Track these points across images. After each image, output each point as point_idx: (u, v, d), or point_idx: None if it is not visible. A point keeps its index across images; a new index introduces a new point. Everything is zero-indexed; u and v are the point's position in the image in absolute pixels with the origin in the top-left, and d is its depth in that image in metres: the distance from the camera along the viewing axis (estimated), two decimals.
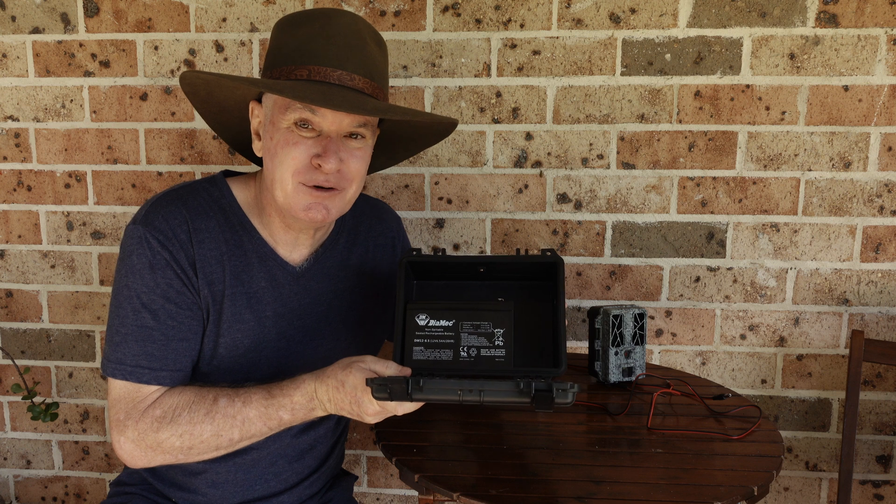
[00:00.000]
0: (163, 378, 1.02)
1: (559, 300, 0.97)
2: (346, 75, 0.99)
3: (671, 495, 0.98)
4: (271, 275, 1.11)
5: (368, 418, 0.96)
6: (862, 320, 1.63)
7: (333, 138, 1.00)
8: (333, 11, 1.04)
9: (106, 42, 1.63)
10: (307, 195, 1.01)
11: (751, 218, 1.61)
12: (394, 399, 0.87)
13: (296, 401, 0.99)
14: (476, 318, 0.93)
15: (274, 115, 1.01)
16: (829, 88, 1.55)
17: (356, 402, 0.94)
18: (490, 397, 0.86)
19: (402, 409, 0.95)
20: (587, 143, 1.60)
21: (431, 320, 0.93)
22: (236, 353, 1.08)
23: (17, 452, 1.85)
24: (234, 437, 1.00)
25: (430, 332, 0.92)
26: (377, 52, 1.05)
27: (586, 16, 1.55)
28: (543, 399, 0.84)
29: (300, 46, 1.01)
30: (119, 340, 1.01)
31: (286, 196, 1.02)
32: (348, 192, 1.05)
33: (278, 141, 1.01)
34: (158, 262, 1.01)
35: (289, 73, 1.00)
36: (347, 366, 0.96)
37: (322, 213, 1.03)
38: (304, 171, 1.00)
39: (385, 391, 0.86)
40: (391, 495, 1.81)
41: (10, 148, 1.70)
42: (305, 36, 1.01)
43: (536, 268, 1.03)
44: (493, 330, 0.92)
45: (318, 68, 0.99)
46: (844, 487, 1.44)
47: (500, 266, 1.04)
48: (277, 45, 1.04)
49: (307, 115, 0.99)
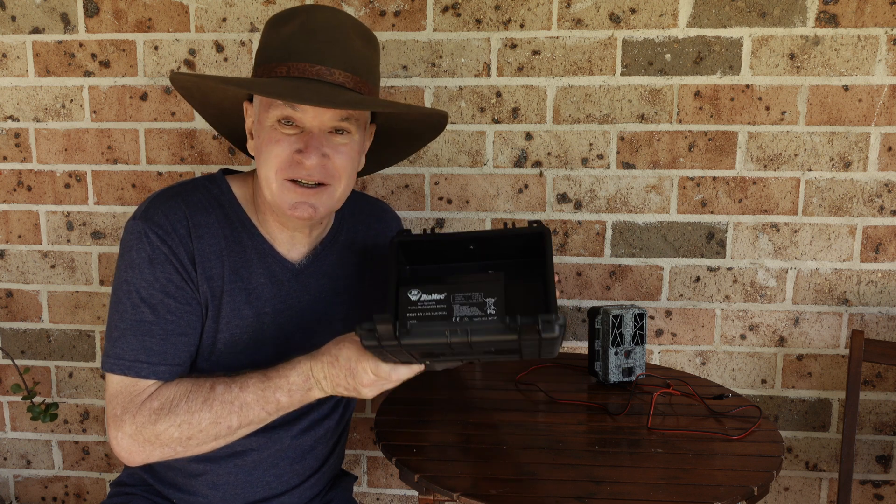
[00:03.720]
0: (161, 372, 1.02)
1: (547, 262, 0.98)
2: (325, 70, 1.00)
3: (671, 495, 0.98)
4: (270, 271, 1.11)
5: (365, 390, 0.96)
6: (862, 320, 1.63)
7: (315, 134, 1.01)
8: (316, 7, 1.04)
9: (106, 42, 1.63)
10: (292, 193, 1.02)
11: (751, 218, 1.61)
12: (383, 343, 0.87)
13: (292, 381, 0.99)
14: (467, 290, 0.93)
15: (260, 114, 1.02)
16: (829, 88, 1.55)
17: (351, 373, 0.94)
18: (477, 336, 0.86)
19: (397, 375, 0.94)
20: (587, 143, 1.60)
21: (423, 294, 0.94)
22: (235, 349, 1.09)
23: (17, 452, 1.85)
24: (233, 423, 1.00)
25: (423, 306, 0.93)
26: (363, 46, 1.05)
27: (586, 16, 1.55)
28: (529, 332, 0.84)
29: (282, 44, 1.01)
30: (118, 336, 1.02)
31: (273, 194, 1.03)
32: (336, 188, 1.05)
33: (264, 139, 1.01)
34: (158, 257, 1.01)
35: (270, 71, 1.01)
36: (340, 341, 0.97)
37: (308, 211, 1.03)
38: (286, 167, 1.01)
39: (373, 337, 0.86)
40: (391, 495, 1.81)
41: (10, 148, 1.70)
42: (288, 33, 1.02)
43: (526, 243, 1.03)
44: (485, 299, 0.92)
45: (297, 64, 0.99)
46: (844, 487, 1.44)
47: (490, 242, 1.05)
48: (263, 43, 1.05)
49: (289, 112, 0.99)
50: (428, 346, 0.89)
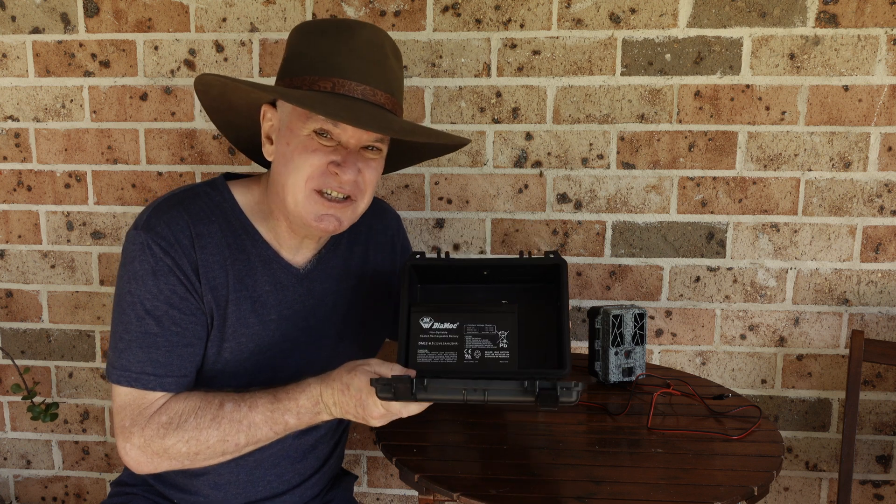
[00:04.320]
0: (168, 384, 1.02)
1: (563, 302, 0.97)
2: (369, 90, 1.00)
3: (671, 495, 0.98)
4: (275, 278, 1.10)
5: (373, 421, 0.96)
6: (862, 320, 1.63)
7: (352, 150, 1.01)
8: (356, 24, 1.03)
9: (106, 42, 1.63)
10: (320, 205, 1.01)
11: (751, 218, 1.61)
12: (398, 399, 0.87)
13: (301, 404, 1.00)
14: (480, 321, 0.93)
15: (292, 122, 1.01)
16: (829, 88, 1.55)
17: (361, 404, 0.95)
18: (494, 396, 0.86)
19: (407, 412, 0.95)
20: (587, 143, 1.60)
21: (435, 323, 0.93)
22: (241, 356, 1.08)
23: (17, 452, 1.85)
24: (241, 441, 1.00)
25: (435, 335, 0.93)
26: (396, 66, 1.06)
27: (586, 16, 1.55)
28: (548, 398, 0.84)
29: (324, 57, 1.00)
30: (123, 347, 1.01)
31: (297, 203, 1.02)
32: (360, 203, 1.06)
33: (296, 147, 1.00)
34: (161, 269, 1.00)
35: (311, 84, 1.00)
36: (352, 369, 0.97)
37: (334, 224, 1.03)
38: (318, 176, 1.00)
39: (389, 391, 0.86)
40: (391, 495, 1.81)
41: (10, 148, 1.70)
42: (329, 47, 1.01)
43: (540, 270, 1.03)
44: (497, 332, 0.92)
45: (342, 81, 0.99)
46: (844, 487, 1.44)
47: (504, 268, 1.05)
48: (298, 52, 1.03)
49: (328, 127, 0.99)
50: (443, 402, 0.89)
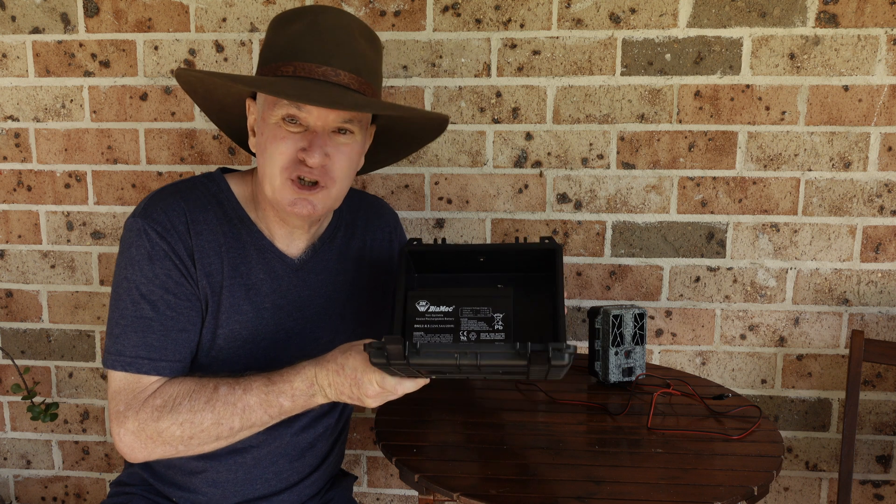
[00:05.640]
0: (162, 368, 1.02)
1: (558, 285, 0.97)
2: (330, 71, 1.01)
3: (671, 495, 0.98)
4: (270, 267, 1.11)
5: (369, 401, 0.96)
6: (862, 320, 1.63)
7: (319, 133, 1.02)
8: (322, 8, 1.05)
9: (106, 42, 1.63)
10: (292, 191, 1.03)
11: (751, 218, 1.61)
12: (391, 362, 0.87)
13: (296, 386, 1.00)
14: (476, 304, 0.93)
15: (264, 112, 1.03)
16: (829, 88, 1.55)
17: (356, 383, 0.95)
18: (487, 360, 0.86)
19: (402, 389, 0.95)
20: (587, 143, 1.60)
21: (431, 306, 0.93)
22: (235, 343, 1.09)
23: (17, 452, 1.85)
24: (235, 425, 1.00)
25: (431, 318, 0.92)
26: (367, 48, 1.06)
27: (586, 16, 1.55)
28: (539, 359, 0.84)
29: (288, 43, 1.02)
30: (119, 332, 1.02)
31: (274, 191, 1.04)
32: (331, 189, 1.05)
33: (269, 136, 1.02)
34: (157, 253, 1.02)
35: (275, 70, 1.02)
36: (347, 349, 0.98)
37: (308, 209, 1.04)
38: (290, 166, 1.02)
39: (382, 355, 0.86)
40: (391, 495, 1.81)
41: (10, 148, 1.70)
42: (294, 33, 1.02)
43: (536, 257, 1.03)
44: (493, 315, 0.92)
45: (303, 64, 1.00)
46: (844, 487, 1.44)
47: (500, 255, 1.05)
48: (268, 42, 1.06)
49: (293, 111, 1.00)
50: (437, 367, 0.89)
